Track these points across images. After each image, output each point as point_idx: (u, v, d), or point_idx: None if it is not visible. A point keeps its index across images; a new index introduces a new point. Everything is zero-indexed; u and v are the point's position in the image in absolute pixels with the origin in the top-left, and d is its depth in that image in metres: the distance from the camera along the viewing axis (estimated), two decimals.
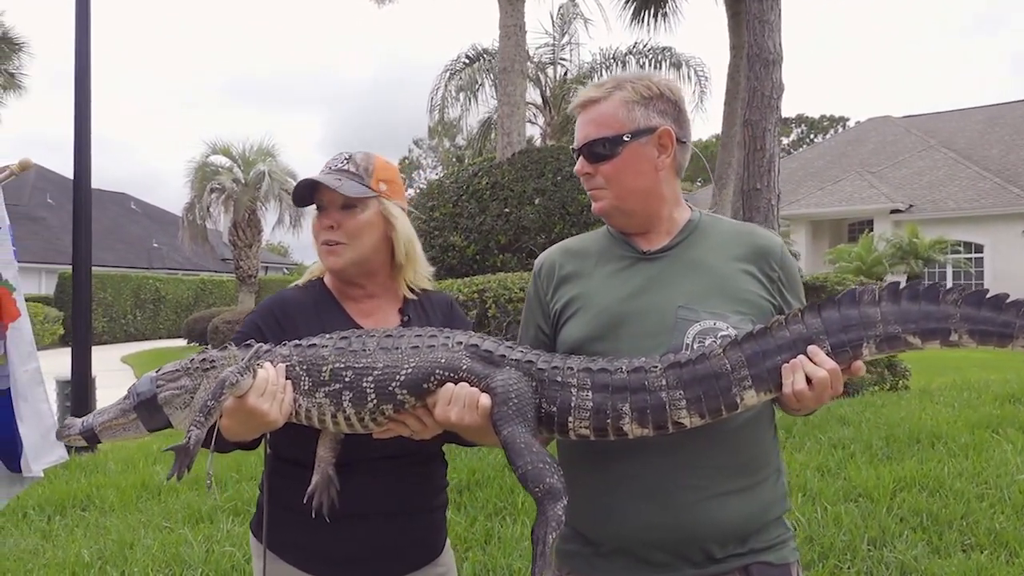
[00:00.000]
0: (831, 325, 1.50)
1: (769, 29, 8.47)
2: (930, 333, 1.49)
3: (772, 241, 1.76)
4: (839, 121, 55.91)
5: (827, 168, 30.75)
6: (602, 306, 1.69)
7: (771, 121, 8.44)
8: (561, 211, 8.18)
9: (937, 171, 27.35)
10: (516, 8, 11.37)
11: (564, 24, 22.71)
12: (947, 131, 30.72)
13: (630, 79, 1.74)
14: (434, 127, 28.71)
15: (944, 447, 5.68)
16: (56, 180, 34.46)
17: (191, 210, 22.38)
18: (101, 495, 5.38)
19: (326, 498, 1.72)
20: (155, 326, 28.85)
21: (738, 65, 13.46)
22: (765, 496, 1.65)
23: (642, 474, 1.61)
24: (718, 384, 1.48)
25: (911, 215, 25.36)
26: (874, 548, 4.01)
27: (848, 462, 5.35)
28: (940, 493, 4.68)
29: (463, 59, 21.84)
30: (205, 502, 5.05)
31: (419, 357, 1.59)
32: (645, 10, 17.24)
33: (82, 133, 7.56)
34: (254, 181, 22.27)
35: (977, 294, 1.48)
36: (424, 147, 55.95)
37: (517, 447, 1.48)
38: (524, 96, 11.90)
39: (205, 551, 4.11)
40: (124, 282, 27.88)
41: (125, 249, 34.98)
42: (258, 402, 1.56)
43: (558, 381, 1.55)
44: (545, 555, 1.44)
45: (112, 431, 1.64)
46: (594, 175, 1.71)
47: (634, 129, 1.68)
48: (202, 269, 35.75)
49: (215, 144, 22.35)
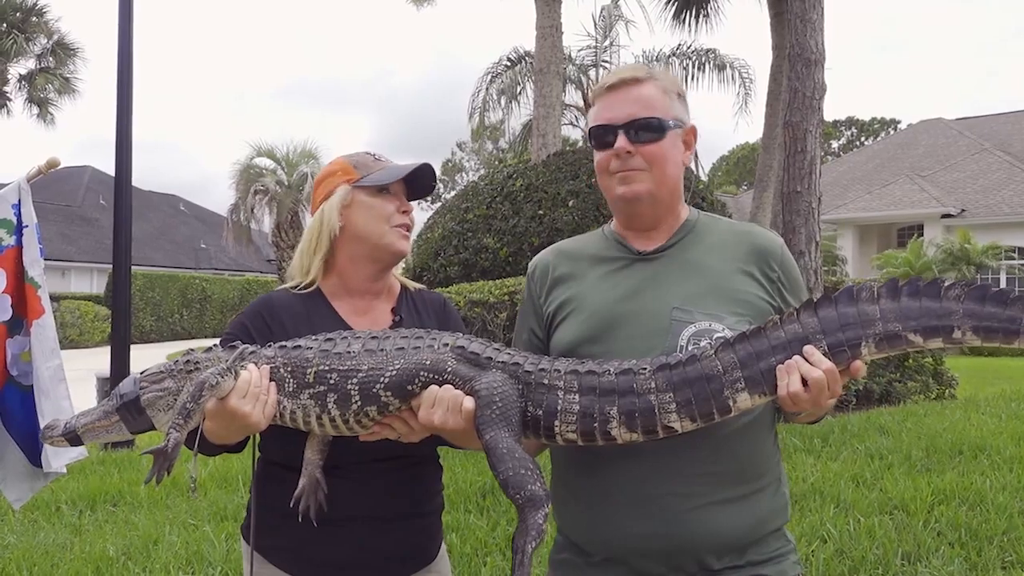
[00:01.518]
0: (828, 324, 1.43)
1: (811, 28, 8.30)
2: (932, 331, 1.41)
3: (771, 241, 1.69)
4: (890, 124, 54.66)
5: (876, 171, 30.07)
6: (595, 308, 1.64)
7: (812, 122, 8.26)
8: (595, 213, 8.10)
9: (991, 175, 26.56)
10: (553, 9, 11.31)
11: (606, 26, 22.54)
12: (1003, 134, 29.84)
13: (659, 72, 1.72)
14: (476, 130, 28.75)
15: (988, 459, 5.49)
16: (109, 182, 35.31)
17: (235, 211, 22.78)
18: (132, 491, 5.47)
19: (313, 501, 1.68)
20: (201, 325, 29.43)
21: (780, 66, 13.23)
22: (764, 506, 1.58)
23: (635, 481, 1.54)
24: (710, 386, 1.42)
25: (963, 220, 24.65)
26: (908, 563, 3.87)
27: (885, 473, 5.19)
28: (981, 507, 4.51)
29: (504, 62, 21.82)
30: (232, 500, 5.10)
31: (404, 359, 1.56)
32: (687, 10, 17.06)
33: (124, 135, 7.71)
34: (297, 183, 22.57)
35: (980, 288, 1.40)
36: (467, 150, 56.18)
37: (499, 452, 1.44)
38: (560, 98, 11.83)
39: (226, 549, 4.13)
40: (172, 282, 28.50)
41: (174, 249, 35.81)
42: (240, 404, 1.53)
43: (544, 384, 1.49)
44: (524, 565, 1.41)
45: (95, 432, 1.62)
46: (634, 155, 1.63)
47: (675, 117, 1.66)
48: (248, 270, 36.39)
49: (259, 146, 22.73)
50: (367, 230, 1.81)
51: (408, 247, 1.87)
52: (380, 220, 1.81)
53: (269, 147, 22.73)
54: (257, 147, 22.60)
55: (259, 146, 22.61)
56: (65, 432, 1.62)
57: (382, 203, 1.82)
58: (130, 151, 7.80)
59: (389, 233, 1.82)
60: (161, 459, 1.50)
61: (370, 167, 1.86)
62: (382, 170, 1.85)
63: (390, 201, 1.83)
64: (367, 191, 1.82)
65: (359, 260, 1.84)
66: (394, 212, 1.83)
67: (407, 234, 1.86)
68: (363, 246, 1.83)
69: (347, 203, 1.82)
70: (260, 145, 22.60)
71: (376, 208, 1.81)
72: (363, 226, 1.81)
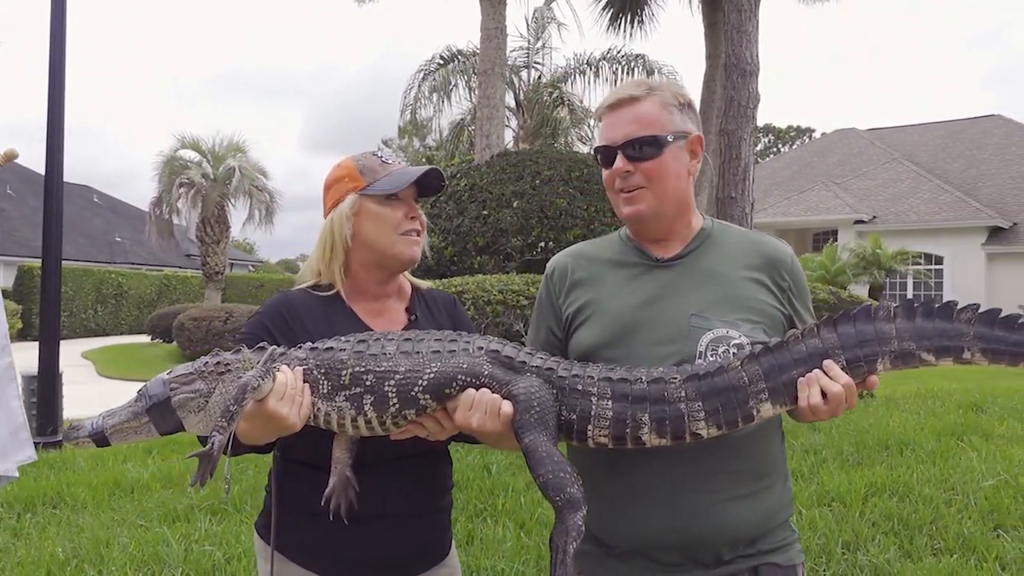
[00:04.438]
0: (847, 340, 1.52)
1: (747, 40, 8.61)
2: (944, 351, 1.51)
3: (782, 251, 1.79)
4: (805, 132, 56.79)
5: (793, 178, 31.20)
6: (615, 312, 1.71)
7: (747, 130, 8.58)
8: (539, 214, 8.21)
9: (900, 184, 27.90)
10: (498, 11, 11.38)
11: (539, 28, 22.76)
12: (910, 145, 31.37)
13: (661, 85, 1.77)
14: (405, 127, 28.57)
15: (912, 454, 5.82)
16: (18, 171, 33.68)
17: (158, 205, 22.02)
18: (72, 493, 5.29)
19: (344, 500, 1.71)
20: (117, 321, 28.35)
21: (714, 75, 13.64)
22: (773, 500, 1.69)
23: (657, 480, 1.63)
24: (736, 397, 1.51)
25: (874, 226, 25.83)
26: (848, 551, 4.10)
27: (821, 467, 5.45)
28: (910, 498, 4.79)
29: (437, 60, 21.80)
30: (181, 501, 5.00)
31: (441, 362, 1.59)
32: (622, 16, 17.38)
33: (55, 127, 7.40)
34: (223, 177, 21.99)
35: (990, 313, 1.51)
36: (393, 147, 55.64)
37: (539, 455, 1.50)
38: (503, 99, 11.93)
39: (184, 550, 4.06)
40: (86, 276, 27.32)
41: (87, 243, 34.36)
42: (278, 406, 1.55)
43: (578, 389, 1.56)
44: (566, 564, 1.46)
45: (123, 434, 1.61)
46: (633, 173, 1.71)
47: (674, 131, 1.71)
48: (166, 265, 35.22)
49: (184, 138, 22.04)
50: (376, 239, 1.84)
51: (418, 253, 1.89)
52: (389, 229, 1.84)
53: (195, 139, 22.07)
54: (182, 139, 21.93)
55: (184, 138, 21.93)
56: (92, 433, 1.60)
57: (390, 211, 1.84)
58: (62, 140, 7.50)
59: (399, 242, 1.84)
60: (206, 462, 1.50)
61: (376, 172, 1.87)
62: (388, 175, 1.86)
63: (398, 208, 1.85)
64: (375, 199, 1.84)
65: (370, 266, 1.88)
66: (402, 219, 1.85)
67: (417, 239, 1.88)
68: (373, 254, 1.86)
69: (355, 211, 1.84)
70: (185, 137, 21.93)
71: (384, 217, 1.83)
72: (372, 235, 1.84)
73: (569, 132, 23.61)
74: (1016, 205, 25.85)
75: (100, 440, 1.61)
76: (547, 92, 23.01)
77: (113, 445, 1.65)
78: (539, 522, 4.43)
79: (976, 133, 30.81)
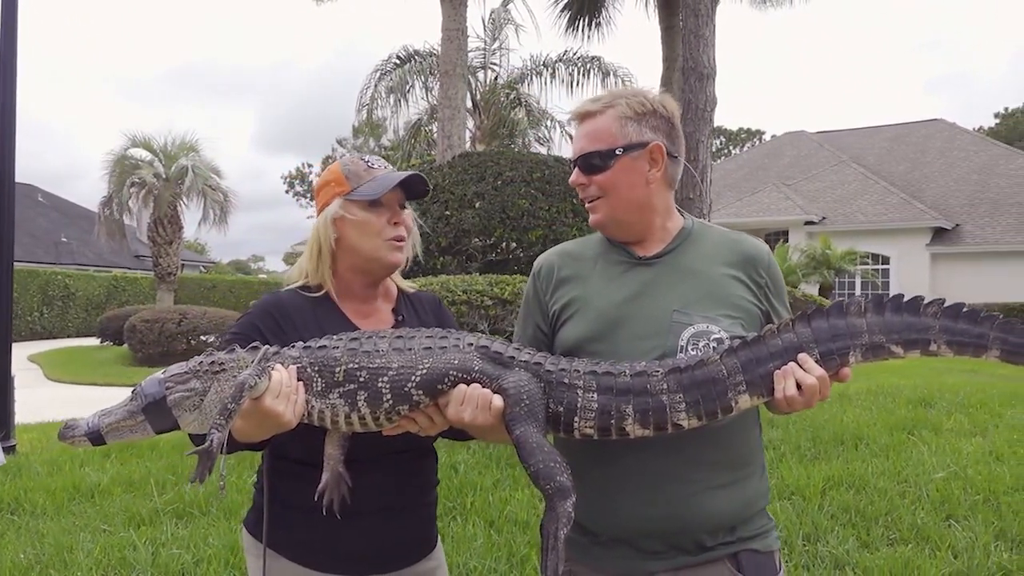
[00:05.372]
0: (820, 334, 1.60)
1: (704, 44, 8.77)
2: (912, 343, 1.59)
3: (759, 249, 1.87)
4: (756, 134, 57.81)
5: (746, 180, 31.78)
6: (600, 308, 1.78)
7: (704, 133, 8.75)
8: (501, 215, 8.26)
9: (848, 185, 28.60)
10: (459, 12, 11.42)
11: (496, 29, 22.82)
12: (857, 147, 32.18)
13: (625, 95, 1.82)
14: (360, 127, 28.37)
15: (866, 448, 6.01)
16: None
17: (108, 205, 21.50)
18: (30, 498, 5.19)
19: (337, 495, 1.74)
20: (63, 324, 27.60)
21: (671, 77, 13.83)
22: (751, 489, 1.77)
23: (640, 470, 1.69)
24: (715, 389, 1.57)
25: (824, 227, 26.44)
26: (809, 543, 4.23)
27: (780, 462, 5.60)
28: (865, 491, 4.95)
29: (394, 60, 21.71)
30: (144, 504, 4.94)
31: (433, 358, 1.63)
32: (580, 18, 17.54)
33: (6, 126, 7.24)
34: (176, 176, 21.58)
35: (954, 307, 1.60)
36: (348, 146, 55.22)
37: (530, 446, 1.55)
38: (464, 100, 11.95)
39: (151, 554, 4.02)
40: (31, 277, 26.53)
41: (31, 243, 33.38)
42: (274, 404, 1.57)
43: (565, 383, 1.61)
44: (557, 549, 1.51)
45: (119, 432, 1.62)
46: (588, 185, 1.80)
47: (626, 144, 1.77)
48: (115, 266, 34.41)
49: (135, 137, 21.52)
50: (359, 245, 1.87)
51: (402, 258, 1.91)
52: (371, 235, 1.86)
53: (146, 138, 21.55)
54: (133, 137, 21.39)
55: (135, 136, 21.41)
56: (88, 432, 1.61)
57: (374, 217, 1.86)
58: (13, 141, 7.35)
59: (381, 248, 1.87)
60: (205, 459, 1.52)
61: (361, 177, 1.88)
62: (372, 180, 1.87)
63: (381, 214, 1.87)
64: (358, 204, 1.86)
65: (355, 270, 1.91)
66: (385, 225, 1.87)
67: (400, 244, 1.89)
68: (357, 258, 1.89)
69: (339, 216, 1.86)
70: (136, 135, 21.40)
71: (367, 223, 1.86)
72: (356, 240, 1.87)
73: (526, 133, 23.72)
74: (958, 207, 26.70)
75: (96, 439, 1.62)
76: (504, 93, 23.08)
77: (109, 444, 1.66)
78: (508, 520, 4.48)
79: (920, 137, 31.75)
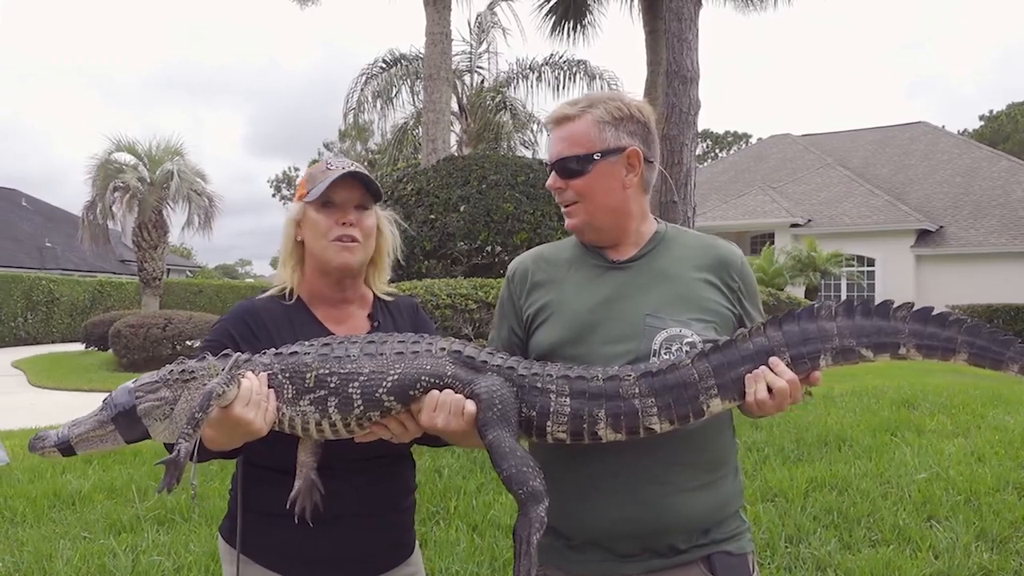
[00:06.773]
0: (791, 338, 1.60)
1: (687, 48, 8.78)
2: (881, 347, 1.60)
3: (733, 253, 1.87)
4: (742, 137, 58.05)
5: (732, 183, 31.91)
6: (574, 312, 1.77)
7: (688, 136, 8.77)
8: (485, 218, 8.26)
9: (833, 188, 28.76)
10: (443, 16, 11.42)
11: (482, 33, 22.84)
12: (842, 150, 32.37)
13: (602, 99, 1.81)
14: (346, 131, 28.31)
15: (849, 449, 6.04)
16: None
17: (92, 209, 21.33)
18: (10, 506, 5.13)
19: (309, 502, 1.73)
20: (48, 329, 27.37)
21: (655, 81, 13.87)
22: (725, 491, 1.77)
23: (613, 472, 1.69)
24: (686, 393, 1.57)
25: (809, 229, 26.56)
26: (791, 545, 4.24)
27: (764, 464, 5.62)
28: (848, 492, 4.98)
29: (380, 64, 21.69)
30: (125, 511, 4.90)
31: (404, 363, 1.62)
32: (565, 21, 17.57)
33: None
34: (161, 180, 21.44)
35: (923, 311, 1.60)
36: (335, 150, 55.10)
37: (502, 451, 1.55)
38: (449, 103, 11.95)
39: (132, 561, 3.99)
40: (14, 283, 26.31)
41: (15, 248, 33.14)
42: (244, 412, 1.56)
43: (538, 387, 1.61)
44: (530, 554, 1.51)
45: (89, 443, 1.61)
46: (565, 190, 1.80)
47: (604, 148, 1.76)
48: (100, 270, 34.20)
49: (119, 140, 21.37)
50: (311, 245, 1.87)
51: (351, 259, 1.85)
52: (319, 236, 1.85)
53: (130, 141, 21.40)
54: (117, 141, 21.24)
55: (119, 140, 21.27)
56: (58, 442, 1.60)
57: (322, 218, 1.85)
58: None
59: (328, 248, 1.85)
60: (173, 468, 1.51)
61: (316, 179, 1.86)
62: (323, 182, 1.85)
63: (331, 214, 1.85)
64: (313, 206, 1.86)
65: (318, 272, 1.90)
66: (332, 225, 1.84)
67: (349, 245, 1.85)
68: (313, 260, 1.89)
69: (298, 219, 1.88)
70: (120, 139, 21.26)
71: (317, 224, 1.85)
72: (309, 242, 1.88)
73: (512, 136, 23.75)
74: (942, 209, 26.90)
75: (66, 449, 1.61)
76: (490, 97, 23.10)
77: (80, 454, 1.64)
78: (492, 524, 4.47)
79: (904, 139, 31.97)
